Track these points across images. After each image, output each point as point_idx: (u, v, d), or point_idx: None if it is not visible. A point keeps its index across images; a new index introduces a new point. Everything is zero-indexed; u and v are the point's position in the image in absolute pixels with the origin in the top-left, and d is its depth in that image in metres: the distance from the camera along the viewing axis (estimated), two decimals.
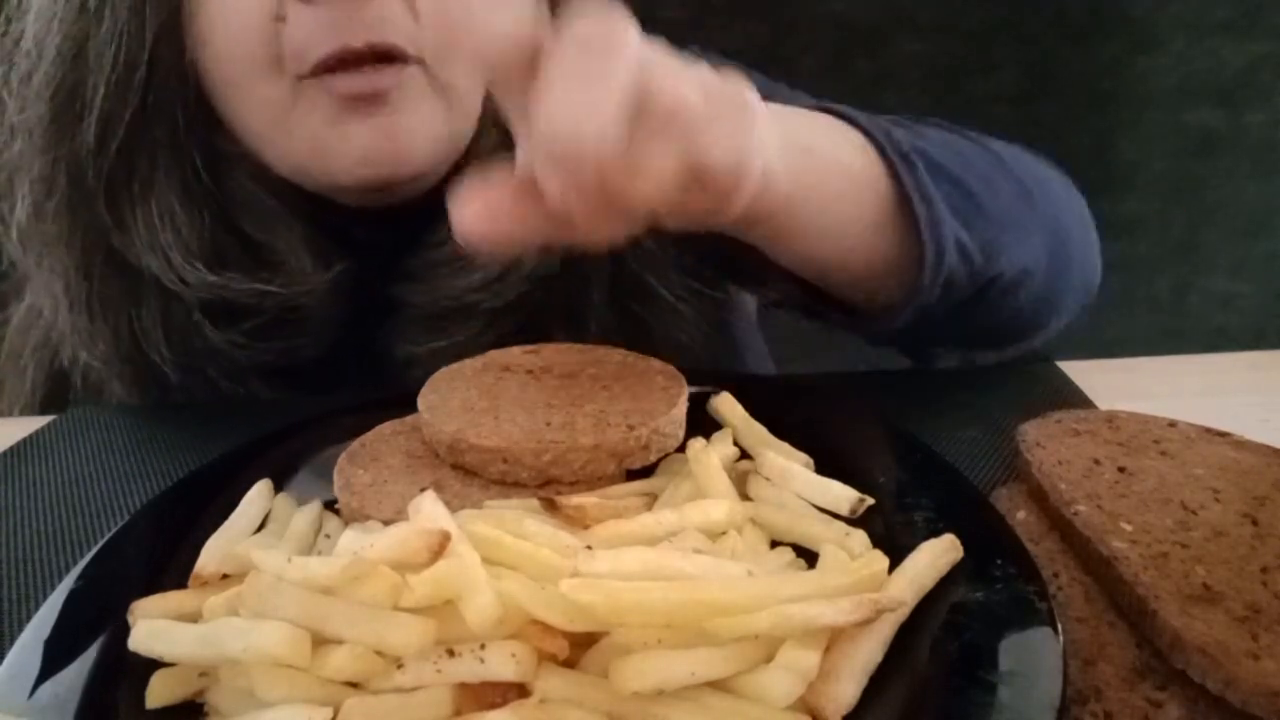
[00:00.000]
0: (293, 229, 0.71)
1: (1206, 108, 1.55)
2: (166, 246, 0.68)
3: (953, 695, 0.34)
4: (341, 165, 0.66)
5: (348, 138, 0.65)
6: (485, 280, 0.71)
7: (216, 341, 0.70)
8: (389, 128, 0.65)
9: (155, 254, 0.68)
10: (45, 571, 0.52)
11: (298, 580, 0.34)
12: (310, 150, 0.66)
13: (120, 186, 0.68)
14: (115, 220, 0.68)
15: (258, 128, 0.68)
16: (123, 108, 0.66)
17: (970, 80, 1.50)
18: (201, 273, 0.68)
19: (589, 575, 0.34)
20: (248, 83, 0.65)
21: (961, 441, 0.59)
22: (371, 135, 0.65)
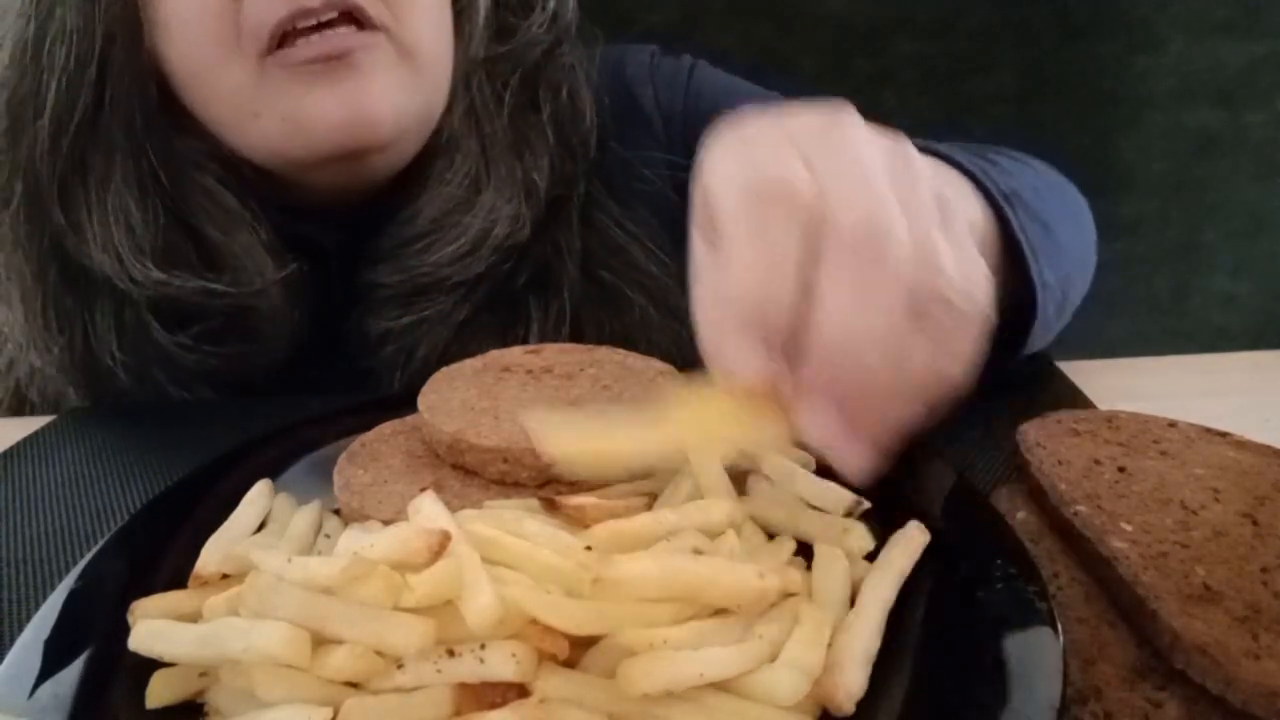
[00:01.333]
0: (254, 231, 0.71)
1: (1206, 108, 1.55)
2: (119, 245, 0.68)
3: (953, 695, 0.34)
4: (315, 136, 0.66)
5: (318, 106, 0.65)
6: (457, 254, 0.72)
7: (165, 344, 0.70)
8: (357, 92, 0.65)
9: (108, 253, 0.68)
10: (45, 571, 0.52)
11: (298, 580, 0.34)
12: (281, 128, 0.66)
13: (74, 186, 0.68)
14: (70, 221, 0.68)
15: (226, 116, 0.68)
16: (74, 106, 0.66)
17: (970, 80, 1.50)
18: (150, 270, 0.68)
19: (610, 580, 0.34)
20: (211, 70, 0.65)
21: (961, 441, 0.59)
22: (341, 101, 0.65)
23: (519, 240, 0.73)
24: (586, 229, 0.77)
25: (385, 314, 0.73)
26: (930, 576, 0.40)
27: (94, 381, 0.73)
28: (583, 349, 0.60)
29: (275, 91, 0.65)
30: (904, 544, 0.41)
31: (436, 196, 0.73)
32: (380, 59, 0.66)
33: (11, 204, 0.69)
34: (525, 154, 0.74)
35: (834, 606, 0.38)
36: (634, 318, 0.76)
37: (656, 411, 0.41)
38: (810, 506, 0.45)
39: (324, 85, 0.64)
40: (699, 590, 0.35)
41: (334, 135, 0.66)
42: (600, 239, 0.78)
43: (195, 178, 0.70)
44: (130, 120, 0.67)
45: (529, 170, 0.74)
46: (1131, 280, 1.66)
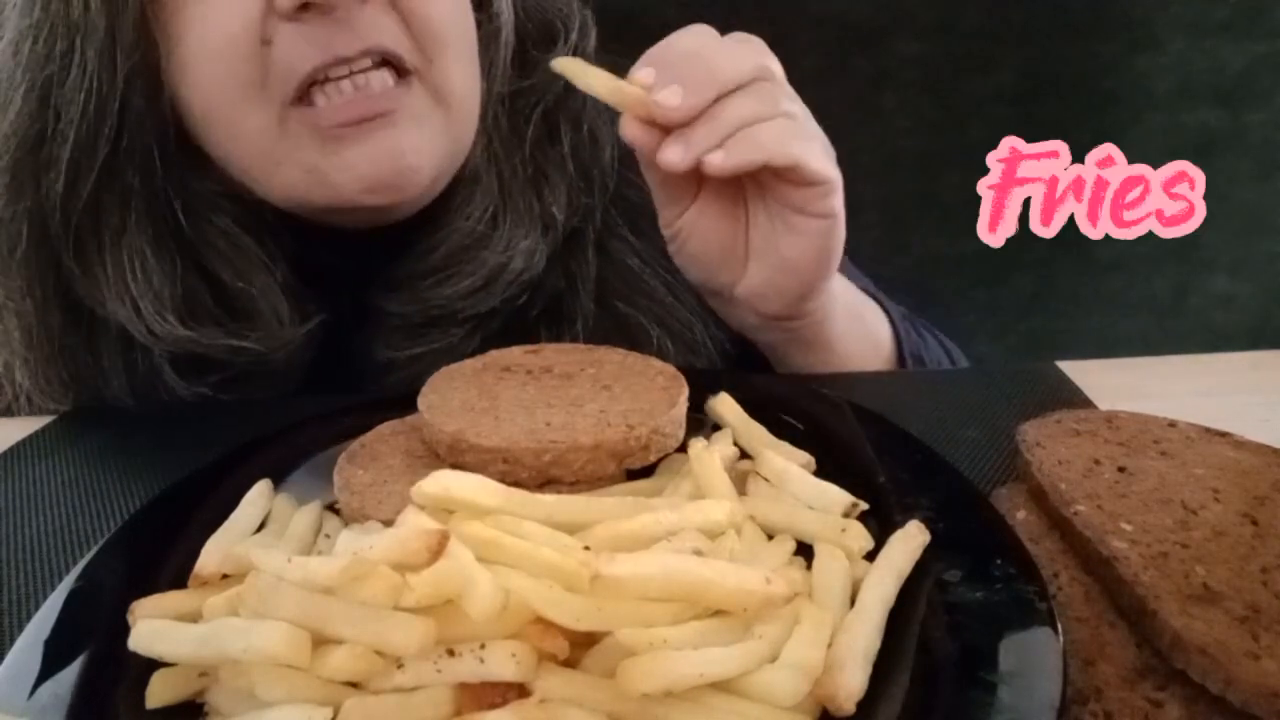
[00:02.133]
0: (271, 273, 0.69)
1: (1206, 108, 1.54)
2: (137, 296, 0.66)
3: (953, 695, 0.34)
4: (343, 190, 0.65)
5: (348, 163, 0.64)
6: (471, 288, 0.71)
7: (181, 392, 0.69)
8: (390, 148, 0.64)
9: (123, 304, 0.66)
10: (45, 571, 0.52)
11: (298, 580, 0.34)
12: (306, 180, 0.65)
13: (88, 235, 0.66)
14: (82, 269, 0.67)
15: (246, 161, 0.67)
16: (93, 155, 0.64)
17: (970, 80, 1.50)
18: (173, 326, 0.66)
19: (610, 578, 0.34)
20: (234, 112, 0.64)
21: (961, 441, 0.59)
22: (373, 158, 0.64)
23: (534, 274, 0.72)
24: (602, 258, 0.77)
25: (394, 343, 0.72)
26: (930, 576, 0.40)
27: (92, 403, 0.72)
28: (583, 349, 0.60)
29: (300, 144, 0.64)
30: (904, 544, 0.41)
31: (455, 232, 0.72)
32: (414, 108, 0.65)
33: (18, 251, 0.67)
34: (544, 189, 0.74)
35: (834, 606, 0.38)
36: (650, 349, 0.74)
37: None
38: (809, 507, 0.46)
39: (354, 142, 0.63)
40: (702, 592, 0.35)
41: (364, 191, 0.65)
42: (615, 268, 0.77)
43: (211, 220, 0.69)
44: (148, 166, 0.66)
45: (547, 205, 0.73)
46: (1131, 280, 1.66)
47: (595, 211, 0.76)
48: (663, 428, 0.50)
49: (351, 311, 0.74)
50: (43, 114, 0.64)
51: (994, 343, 0.94)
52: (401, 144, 0.64)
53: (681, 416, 0.52)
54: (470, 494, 0.40)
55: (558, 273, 0.74)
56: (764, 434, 0.52)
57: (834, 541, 0.42)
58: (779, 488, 0.47)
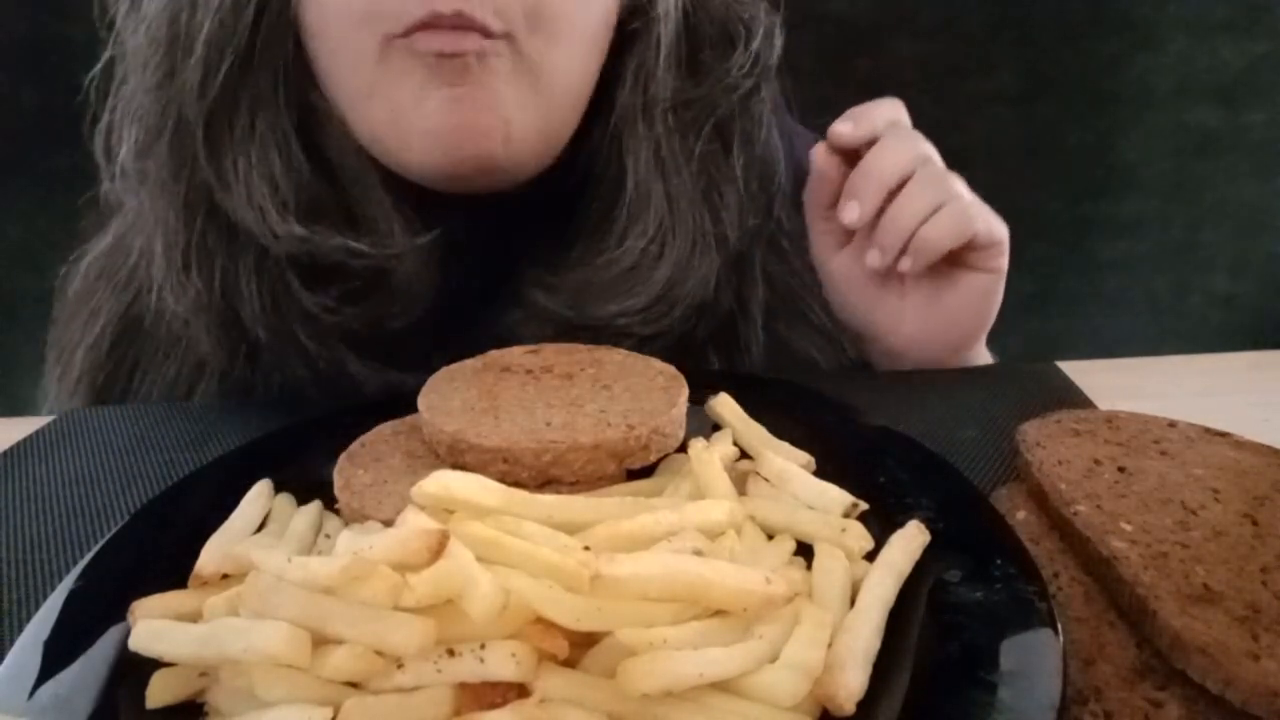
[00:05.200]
0: (387, 192, 0.69)
1: (1206, 108, 1.55)
2: (262, 196, 0.66)
3: (953, 695, 0.34)
4: (415, 137, 0.64)
5: (424, 105, 0.63)
6: (636, 308, 0.69)
7: (306, 303, 0.69)
8: (467, 98, 0.63)
9: (251, 207, 0.66)
10: (45, 571, 0.52)
11: (298, 580, 0.34)
12: (389, 119, 0.65)
13: (220, 134, 0.67)
14: (215, 170, 0.67)
15: (343, 88, 0.67)
16: (224, 50, 0.65)
17: (970, 80, 1.50)
18: (291, 225, 0.66)
19: (610, 578, 0.34)
20: (340, 31, 0.64)
21: (961, 441, 0.59)
22: (448, 104, 0.63)
23: (705, 298, 0.70)
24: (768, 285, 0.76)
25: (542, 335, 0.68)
26: (930, 576, 0.40)
27: (227, 330, 0.71)
28: (583, 349, 0.60)
29: (393, 72, 0.63)
30: (904, 544, 0.41)
31: (632, 248, 0.70)
32: (498, 67, 0.63)
33: (160, 138, 0.68)
34: (718, 206, 0.72)
35: (834, 606, 0.38)
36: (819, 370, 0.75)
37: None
38: (809, 507, 0.46)
39: (438, 84, 0.62)
40: (702, 592, 0.35)
41: (435, 140, 0.64)
42: (779, 293, 0.76)
43: (332, 134, 0.68)
44: (277, 70, 0.66)
45: (720, 223, 0.71)
46: (1131, 280, 1.66)
47: (764, 231, 0.75)
48: (663, 428, 0.50)
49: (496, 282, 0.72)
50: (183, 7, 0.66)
51: (994, 343, 0.94)
52: (480, 98, 0.63)
53: (681, 416, 0.52)
54: (470, 494, 0.40)
55: (728, 295, 0.73)
56: (764, 434, 0.52)
57: (834, 541, 0.42)
58: (779, 488, 0.47)
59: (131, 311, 0.78)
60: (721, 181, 0.72)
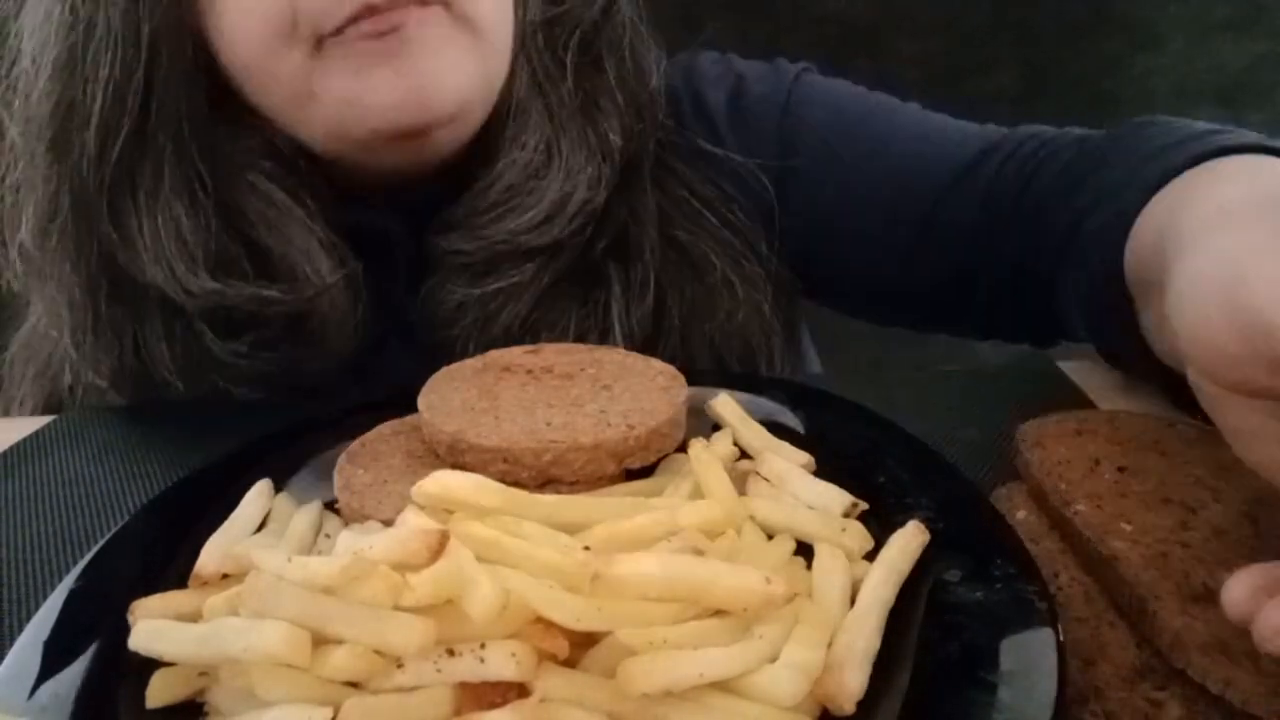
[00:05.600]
0: (309, 229, 0.70)
1: (1206, 108, 1.55)
2: (170, 256, 0.67)
3: (953, 695, 0.34)
4: (374, 115, 0.65)
5: (375, 88, 0.64)
6: (534, 220, 0.70)
7: (219, 353, 0.69)
8: (413, 70, 0.64)
9: (160, 266, 0.67)
10: (45, 571, 0.52)
11: (298, 580, 0.34)
12: (339, 110, 0.65)
13: (123, 198, 0.67)
14: (120, 235, 0.67)
15: (283, 103, 0.67)
16: (121, 114, 0.65)
17: (970, 80, 1.50)
18: (204, 280, 0.67)
19: (610, 578, 0.34)
20: (268, 58, 0.64)
21: (961, 441, 0.59)
22: (399, 80, 0.64)
23: (597, 204, 0.72)
24: (661, 192, 0.77)
25: (461, 281, 0.72)
26: (930, 576, 0.40)
27: (146, 392, 0.72)
28: (583, 349, 0.60)
29: (332, 71, 0.64)
30: (904, 544, 0.41)
31: (511, 164, 0.72)
32: (438, 32, 0.64)
33: (58, 218, 0.68)
34: (596, 115, 0.74)
35: (834, 606, 0.38)
36: (715, 280, 0.75)
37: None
38: (809, 507, 0.46)
39: (381, 64, 0.63)
40: (702, 592, 0.35)
41: (393, 114, 0.65)
42: (671, 200, 0.77)
43: (246, 178, 0.69)
44: (178, 125, 0.67)
45: (602, 131, 0.73)
46: None
47: (649, 141, 0.76)
48: (663, 428, 0.50)
49: (409, 269, 0.74)
50: (72, 80, 0.66)
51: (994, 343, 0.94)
52: (426, 66, 0.64)
53: (681, 417, 0.52)
54: (470, 494, 0.40)
55: (620, 204, 0.74)
56: (764, 434, 0.52)
57: (834, 541, 0.42)
58: (779, 488, 0.47)
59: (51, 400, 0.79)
60: (598, 92, 0.74)
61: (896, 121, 0.80)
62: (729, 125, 0.81)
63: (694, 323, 0.75)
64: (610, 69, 0.75)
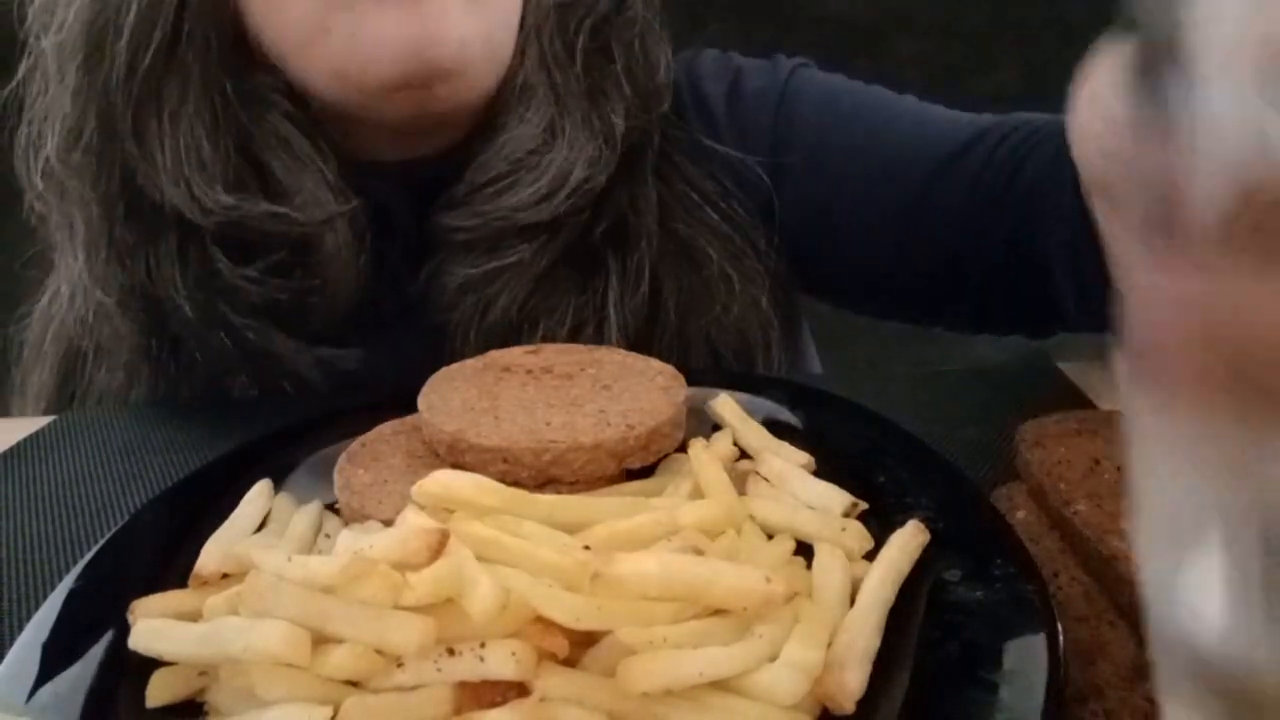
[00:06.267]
0: (320, 170, 0.71)
1: None
2: (190, 177, 0.68)
3: (953, 695, 0.34)
4: (378, 55, 0.66)
5: (382, 26, 0.65)
6: (534, 197, 0.71)
7: (231, 277, 0.70)
8: (421, 18, 0.65)
9: (178, 185, 0.68)
10: (45, 571, 0.52)
11: (298, 579, 0.34)
12: (348, 48, 0.66)
13: (147, 116, 0.69)
14: (142, 152, 0.69)
15: (294, 38, 0.68)
16: (152, 29, 0.67)
17: (970, 80, 1.50)
18: (219, 195, 0.68)
19: (609, 577, 0.34)
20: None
21: (961, 441, 0.59)
22: (407, 21, 0.65)
23: (597, 185, 0.73)
24: (662, 183, 0.78)
25: (463, 261, 0.73)
26: (930, 576, 0.40)
27: (157, 318, 0.73)
28: (583, 349, 0.60)
29: (344, 6, 0.65)
30: (904, 543, 0.41)
31: (512, 139, 0.73)
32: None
33: (83, 137, 0.70)
34: (601, 101, 0.75)
35: (834, 606, 0.38)
36: (712, 273, 0.76)
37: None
38: (809, 507, 0.46)
39: (393, 7, 0.65)
40: (702, 591, 0.35)
41: (397, 55, 0.66)
42: (673, 193, 0.78)
43: (263, 114, 0.71)
44: (206, 51, 0.68)
45: (605, 116, 0.74)
46: None
47: (653, 133, 0.77)
48: (663, 428, 0.50)
49: (408, 247, 0.75)
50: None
51: (994, 343, 0.94)
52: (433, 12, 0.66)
53: (681, 417, 0.52)
54: (470, 493, 0.40)
55: (621, 191, 0.75)
56: (764, 434, 0.52)
57: (834, 541, 0.42)
58: (779, 488, 0.47)
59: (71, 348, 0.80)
60: (604, 79, 0.75)
61: (890, 111, 0.81)
62: (727, 118, 0.82)
63: (690, 316, 0.76)
64: (619, 58, 0.76)
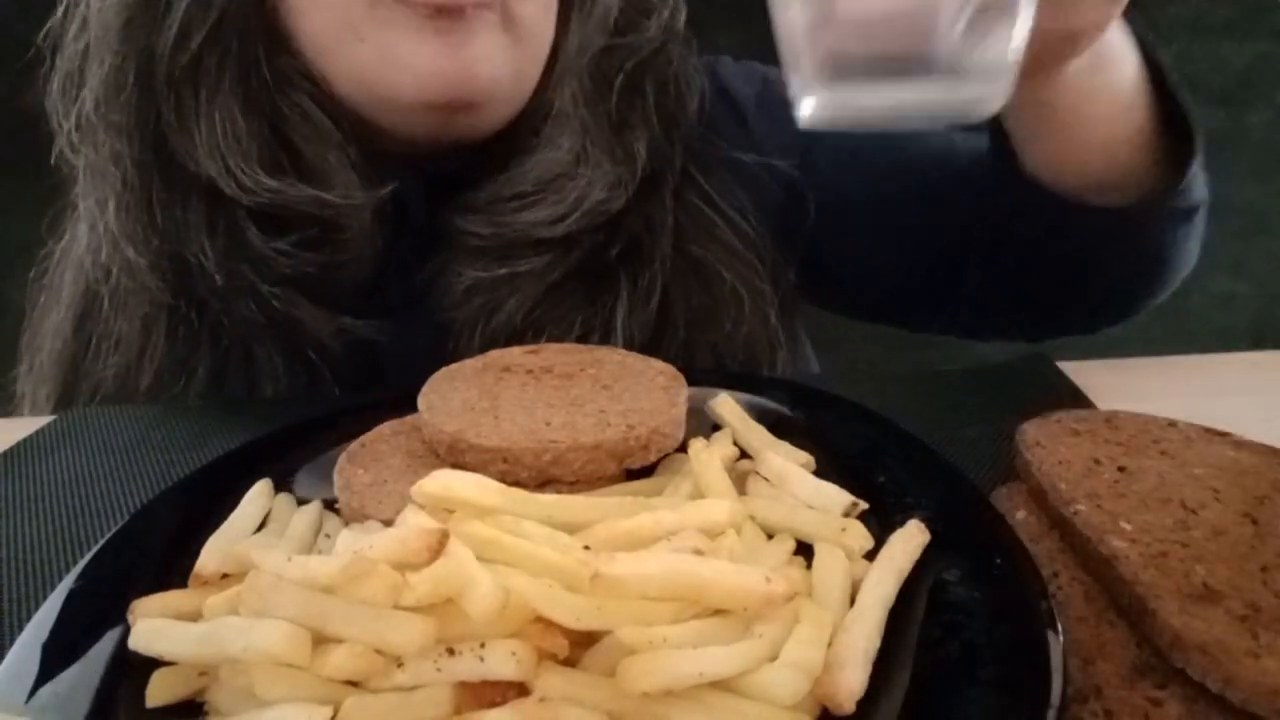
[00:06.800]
0: (344, 151, 0.72)
1: (1206, 108, 1.55)
2: (226, 152, 0.69)
3: (953, 695, 0.34)
4: (408, 78, 0.68)
5: (421, 50, 0.67)
6: (553, 216, 0.73)
7: (261, 248, 0.71)
8: (460, 48, 0.67)
9: (214, 159, 0.69)
10: (45, 571, 0.52)
11: (298, 579, 0.34)
12: (379, 60, 0.68)
13: (188, 89, 0.70)
14: (179, 122, 0.70)
15: (328, 37, 0.69)
16: (207, 12, 0.68)
17: None
18: (260, 177, 0.69)
19: (609, 577, 0.34)
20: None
21: (961, 441, 0.59)
22: (443, 52, 0.67)
23: (615, 208, 0.74)
24: (679, 205, 0.79)
25: (474, 263, 0.74)
26: (930, 576, 0.40)
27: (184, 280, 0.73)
28: (583, 349, 0.60)
29: (385, 22, 0.66)
30: (904, 543, 0.41)
31: (540, 163, 0.74)
32: (488, 22, 0.68)
33: (123, 91, 0.71)
34: (626, 132, 0.77)
35: (834, 606, 0.38)
36: (722, 292, 0.77)
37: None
38: (809, 507, 0.46)
39: (431, 32, 0.66)
40: (702, 592, 0.35)
41: (427, 83, 0.68)
42: (690, 215, 0.79)
43: (290, 93, 0.72)
44: (246, 31, 0.69)
45: (629, 145, 0.76)
46: None
47: (675, 160, 0.79)
48: (663, 428, 0.50)
49: (430, 237, 0.76)
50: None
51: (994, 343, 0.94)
52: (471, 47, 0.68)
53: (681, 416, 0.52)
54: (470, 493, 0.40)
55: (638, 215, 0.76)
56: (764, 434, 0.52)
57: (834, 541, 0.42)
58: (779, 488, 0.47)
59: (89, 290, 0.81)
60: (633, 113, 0.77)
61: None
62: (756, 116, 0.85)
63: (698, 332, 0.77)
64: (650, 93, 0.78)
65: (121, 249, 0.73)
